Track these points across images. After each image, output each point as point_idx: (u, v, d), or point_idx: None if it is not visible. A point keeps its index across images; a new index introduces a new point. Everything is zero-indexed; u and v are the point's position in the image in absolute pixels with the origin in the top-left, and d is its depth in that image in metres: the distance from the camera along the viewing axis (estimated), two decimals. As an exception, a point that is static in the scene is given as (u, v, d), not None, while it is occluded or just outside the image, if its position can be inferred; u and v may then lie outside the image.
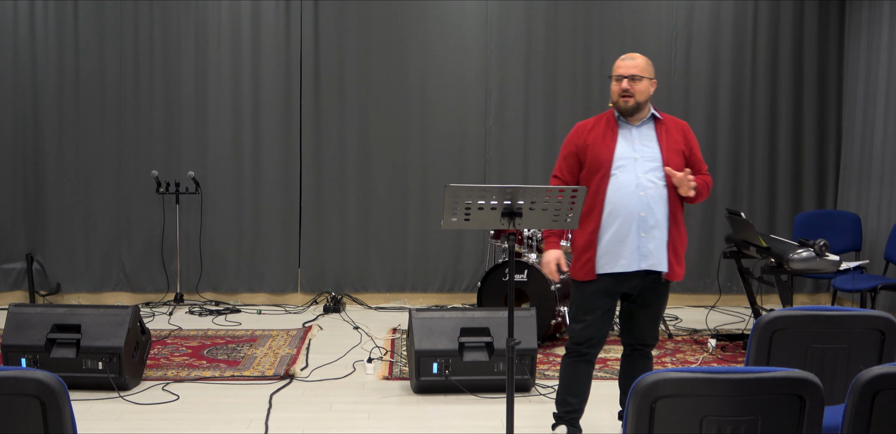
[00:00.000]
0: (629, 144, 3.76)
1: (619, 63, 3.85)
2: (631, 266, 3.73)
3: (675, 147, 3.79)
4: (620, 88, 3.76)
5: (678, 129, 3.85)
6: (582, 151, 3.80)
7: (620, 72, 3.79)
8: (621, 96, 3.75)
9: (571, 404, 3.96)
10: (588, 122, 3.89)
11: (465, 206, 3.18)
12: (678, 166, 3.74)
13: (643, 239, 3.70)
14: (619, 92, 3.76)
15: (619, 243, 3.72)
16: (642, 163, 3.72)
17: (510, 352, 3.28)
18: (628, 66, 3.80)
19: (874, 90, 6.82)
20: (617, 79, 3.79)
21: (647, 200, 3.69)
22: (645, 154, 3.74)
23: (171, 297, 7.27)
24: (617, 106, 3.78)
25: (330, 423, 4.40)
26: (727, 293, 7.33)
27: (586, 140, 3.80)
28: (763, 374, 2.20)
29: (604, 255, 3.75)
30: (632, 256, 3.72)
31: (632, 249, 3.71)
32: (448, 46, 7.35)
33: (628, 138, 3.77)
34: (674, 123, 3.87)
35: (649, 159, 3.73)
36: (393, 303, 7.41)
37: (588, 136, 3.80)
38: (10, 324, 4.83)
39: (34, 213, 7.27)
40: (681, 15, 7.36)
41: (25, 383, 2.21)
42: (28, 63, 7.18)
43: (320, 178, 7.37)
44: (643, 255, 3.72)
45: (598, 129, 3.82)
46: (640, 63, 3.82)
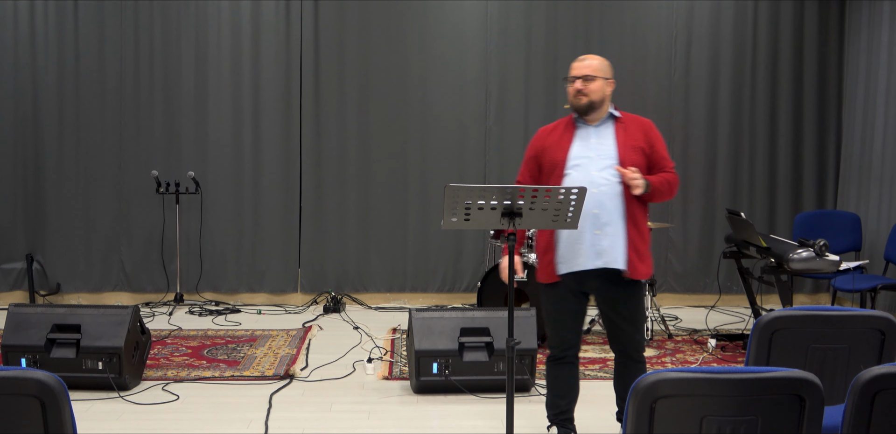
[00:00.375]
0: (585, 144, 3.79)
1: (573, 65, 3.91)
2: (587, 264, 3.72)
3: (633, 144, 3.80)
4: (574, 89, 3.81)
5: (639, 126, 3.89)
6: (540, 154, 3.85)
7: (574, 73, 3.85)
8: (575, 96, 3.80)
9: (560, 406, 3.97)
10: (549, 126, 3.96)
11: (465, 206, 3.18)
12: (635, 163, 3.74)
13: (597, 236, 3.70)
14: (573, 92, 3.81)
15: (576, 242, 3.72)
16: (597, 161, 3.74)
17: (510, 352, 3.28)
18: (581, 67, 3.86)
19: (874, 90, 6.82)
20: (571, 80, 3.84)
21: (600, 198, 3.69)
22: (600, 152, 3.76)
23: (171, 297, 7.27)
24: (572, 104, 3.82)
25: (330, 423, 4.40)
26: (727, 293, 7.33)
27: (544, 143, 3.86)
28: (763, 374, 2.20)
29: (563, 254, 3.76)
30: (587, 254, 3.71)
31: (587, 247, 3.71)
32: (448, 46, 7.35)
33: (585, 138, 3.81)
34: (635, 122, 3.91)
35: (604, 157, 3.75)
36: (393, 303, 7.41)
37: (547, 140, 3.87)
38: (10, 324, 4.83)
39: (34, 213, 7.27)
40: (681, 15, 7.36)
41: (25, 383, 2.21)
42: (28, 63, 7.19)
43: (320, 178, 7.37)
44: (598, 252, 3.70)
45: (556, 131, 3.88)
46: (592, 63, 3.88)
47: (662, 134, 7.84)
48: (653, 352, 5.79)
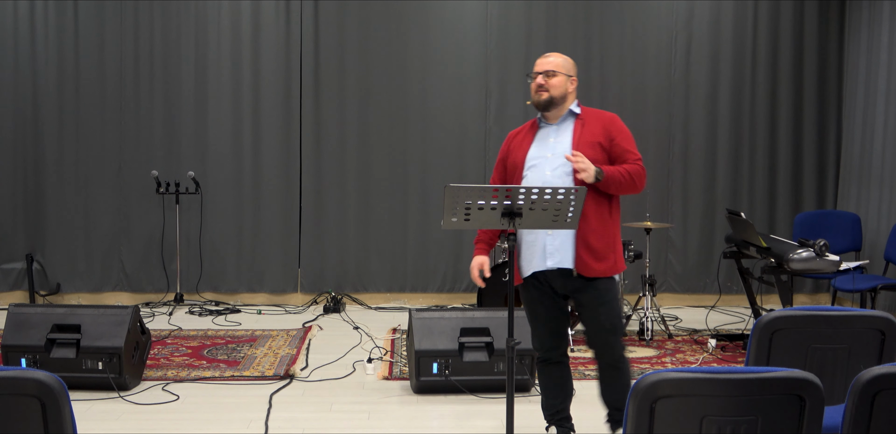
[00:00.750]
0: (543, 144, 3.76)
1: (536, 62, 3.85)
2: (540, 265, 3.71)
3: (590, 140, 3.71)
4: (536, 84, 3.77)
5: (598, 121, 3.77)
6: (505, 157, 3.86)
7: (535, 69, 3.80)
8: (536, 91, 3.76)
9: (554, 406, 3.97)
10: (516, 130, 3.94)
11: (465, 206, 3.18)
12: (590, 158, 3.61)
13: (549, 237, 3.69)
14: (534, 87, 3.77)
15: (532, 243, 3.72)
16: (552, 160, 3.70)
17: (510, 352, 3.28)
18: (543, 63, 3.80)
19: (874, 90, 6.82)
20: (533, 76, 3.80)
21: None
22: (556, 151, 3.72)
23: (171, 297, 7.27)
24: (533, 100, 3.79)
25: (330, 423, 4.40)
26: (727, 293, 7.33)
27: (510, 145, 3.86)
28: (763, 374, 2.20)
29: (524, 257, 3.76)
30: (541, 256, 3.70)
31: (540, 249, 3.69)
32: (448, 46, 7.35)
33: (544, 138, 3.78)
34: (595, 116, 3.79)
35: (559, 156, 3.70)
36: (393, 303, 7.41)
37: (512, 142, 3.86)
38: (10, 324, 4.83)
39: (34, 213, 7.27)
40: (681, 15, 7.36)
41: (25, 383, 2.21)
42: (28, 63, 7.19)
43: (320, 178, 7.37)
44: (549, 253, 3.68)
45: (521, 133, 3.87)
46: (554, 60, 3.81)
47: (662, 134, 7.90)
48: (653, 352, 5.79)
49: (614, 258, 3.73)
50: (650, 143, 7.40)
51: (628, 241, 6.16)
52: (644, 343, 5.99)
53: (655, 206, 7.24)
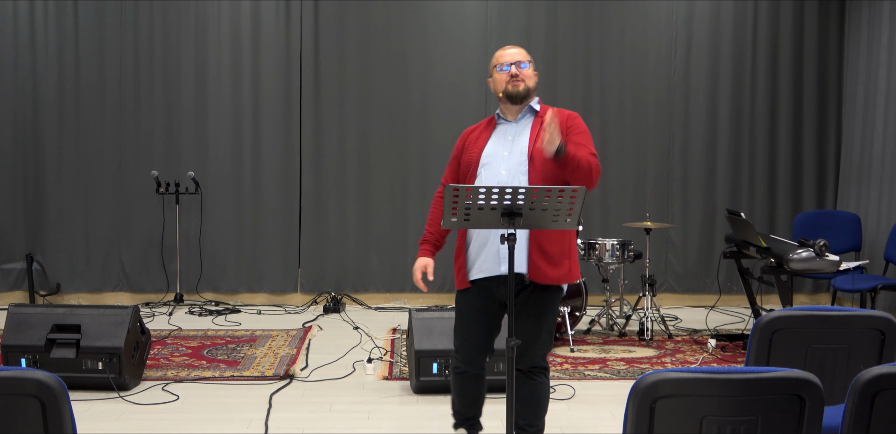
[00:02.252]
0: (500, 141, 3.62)
1: (501, 53, 3.69)
2: (492, 271, 3.53)
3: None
4: (510, 74, 3.61)
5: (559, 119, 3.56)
6: (460, 154, 3.74)
7: (506, 60, 3.65)
8: (512, 82, 3.60)
9: (466, 414, 3.90)
10: (472, 127, 3.81)
11: (465, 206, 3.18)
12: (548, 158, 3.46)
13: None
14: (507, 78, 3.61)
15: (482, 247, 3.59)
16: (508, 159, 3.55)
17: (510, 352, 3.27)
18: (512, 54, 3.66)
19: (874, 90, 6.82)
20: (502, 68, 3.64)
21: None
22: (513, 149, 3.57)
23: (171, 298, 7.27)
24: (506, 92, 3.61)
25: (330, 423, 4.40)
26: (727, 293, 7.33)
27: (466, 143, 3.73)
28: (763, 374, 2.20)
29: (472, 260, 3.63)
30: (493, 261, 3.54)
31: (492, 253, 3.54)
32: (448, 46, 7.35)
33: (502, 136, 3.64)
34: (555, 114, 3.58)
35: (517, 154, 3.56)
36: (393, 303, 7.41)
37: (468, 139, 3.74)
38: (10, 324, 4.84)
39: (34, 213, 7.27)
40: (681, 15, 7.36)
41: (25, 383, 2.21)
42: (28, 63, 7.19)
43: (320, 178, 7.37)
44: (503, 258, 3.48)
45: (478, 130, 3.74)
46: (521, 51, 3.71)
47: (662, 134, 7.90)
48: (653, 352, 5.80)
49: (569, 265, 3.56)
50: (650, 143, 7.40)
51: (628, 241, 6.17)
52: (644, 343, 5.99)
53: (655, 206, 7.24)
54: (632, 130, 7.40)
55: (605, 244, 6.11)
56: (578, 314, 5.99)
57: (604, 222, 7.36)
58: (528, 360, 3.56)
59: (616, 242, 6.10)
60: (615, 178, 7.40)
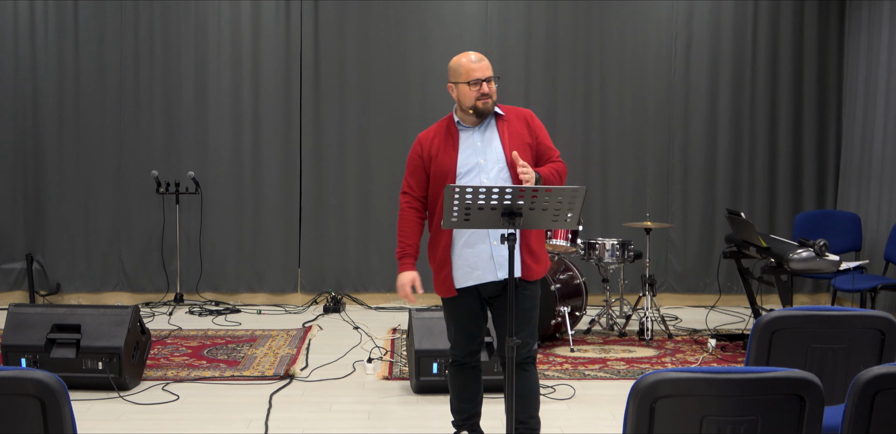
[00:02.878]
0: (471, 149, 3.61)
1: (472, 66, 3.61)
2: (487, 277, 3.58)
3: (520, 141, 3.60)
4: (480, 92, 3.57)
5: (520, 120, 3.66)
6: (427, 164, 3.66)
7: (478, 75, 3.58)
8: (481, 99, 3.58)
9: (468, 410, 3.90)
10: (428, 133, 3.72)
11: (465, 206, 3.18)
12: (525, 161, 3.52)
13: (497, 247, 3.56)
14: (477, 96, 3.58)
15: (473, 255, 3.58)
16: (488, 166, 3.57)
17: (510, 352, 3.27)
18: (483, 69, 3.60)
19: (874, 90, 6.82)
20: (474, 83, 3.58)
21: None
22: (488, 156, 3.57)
23: (171, 297, 7.27)
24: (477, 109, 3.59)
25: (330, 423, 4.40)
26: (727, 293, 7.33)
27: (430, 151, 3.65)
28: (763, 374, 2.20)
29: (459, 268, 3.61)
30: (487, 267, 3.57)
31: (486, 259, 3.56)
32: (448, 46, 7.34)
33: (469, 143, 3.62)
34: (515, 115, 3.67)
35: (494, 161, 3.57)
36: (393, 303, 7.41)
37: (430, 148, 3.66)
38: (10, 324, 4.84)
39: (34, 213, 7.27)
40: (681, 15, 7.36)
41: (25, 383, 2.21)
42: (28, 63, 7.19)
43: (320, 178, 7.37)
44: (499, 263, 3.55)
45: (438, 138, 3.67)
46: (489, 64, 3.63)
47: (662, 134, 7.91)
48: (653, 352, 5.80)
49: (545, 259, 3.71)
50: (650, 142, 7.40)
51: (628, 241, 6.17)
52: (644, 343, 5.99)
53: (655, 206, 7.24)
54: (632, 130, 7.40)
55: (605, 244, 6.11)
56: (578, 314, 5.99)
57: (604, 222, 7.36)
58: (523, 352, 3.64)
59: (616, 242, 6.10)
60: (615, 178, 7.40)
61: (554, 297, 5.76)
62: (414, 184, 3.74)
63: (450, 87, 3.72)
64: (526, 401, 3.69)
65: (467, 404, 3.90)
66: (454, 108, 3.74)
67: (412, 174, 3.75)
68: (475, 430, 3.95)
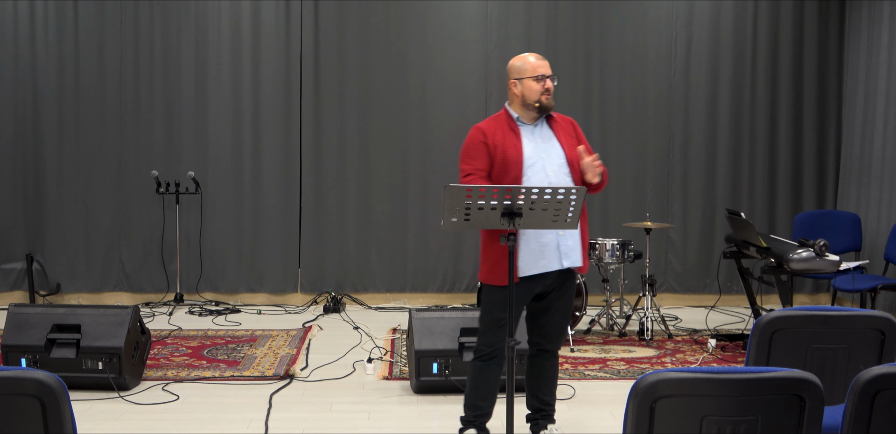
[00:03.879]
0: (534, 144, 3.76)
1: (536, 62, 3.78)
2: (552, 266, 3.72)
3: (572, 142, 3.81)
4: (544, 87, 3.74)
5: (569, 124, 3.89)
6: (493, 152, 3.71)
7: (543, 71, 3.76)
8: (545, 94, 3.74)
9: (482, 408, 3.91)
10: (488, 124, 3.81)
11: (465, 206, 3.18)
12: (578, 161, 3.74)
13: (562, 237, 3.71)
14: (541, 91, 3.74)
15: (540, 244, 3.70)
16: (549, 161, 3.73)
17: (510, 352, 3.28)
18: (546, 66, 3.78)
19: (874, 90, 6.82)
20: (540, 78, 3.74)
21: None
22: (550, 152, 3.75)
23: (171, 297, 7.27)
24: (541, 103, 3.75)
25: (330, 423, 4.40)
26: (727, 293, 7.33)
27: (494, 140, 3.72)
28: (763, 374, 2.20)
29: (525, 257, 3.69)
30: (552, 256, 3.72)
31: (552, 249, 3.71)
32: (448, 46, 7.35)
33: (531, 138, 3.78)
34: (563, 120, 3.89)
35: (555, 157, 3.74)
36: (393, 303, 7.41)
37: (494, 137, 3.73)
38: (10, 324, 4.84)
39: (34, 213, 7.27)
40: (681, 15, 7.36)
41: (25, 383, 2.21)
42: (28, 63, 7.19)
43: (320, 178, 7.37)
44: (564, 253, 3.73)
45: (499, 131, 3.76)
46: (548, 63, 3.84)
47: (662, 134, 7.94)
48: (653, 352, 5.80)
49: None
50: (650, 142, 7.40)
51: (628, 241, 6.17)
52: (644, 343, 5.99)
53: (655, 206, 7.24)
54: (632, 130, 7.40)
55: (605, 244, 6.11)
56: (578, 314, 5.99)
57: (604, 222, 7.36)
58: (561, 336, 3.93)
59: (616, 242, 6.10)
60: (615, 178, 7.39)
61: (554, 297, 5.76)
62: (480, 165, 3.72)
63: (512, 83, 3.81)
64: (553, 384, 3.98)
65: (484, 402, 3.92)
66: (506, 106, 3.87)
67: (476, 158, 3.74)
68: (482, 429, 3.95)
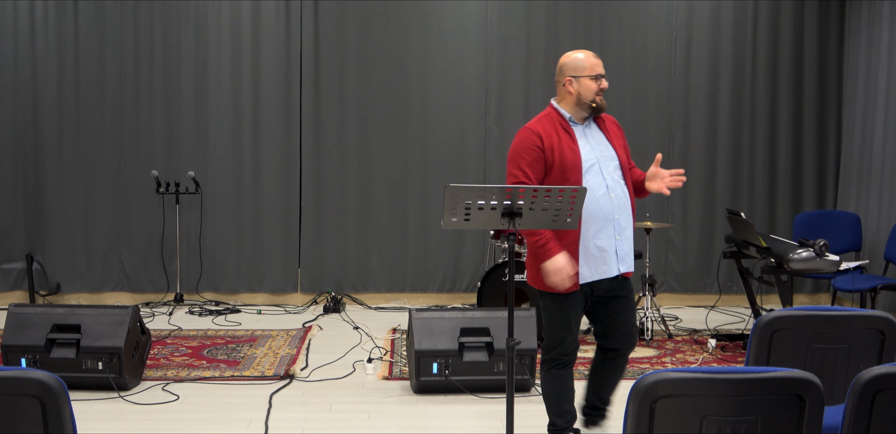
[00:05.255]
0: (589, 145, 3.69)
1: (592, 60, 3.71)
2: (611, 271, 3.68)
3: (621, 143, 3.79)
4: (599, 87, 3.69)
5: (614, 124, 3.84)
6: (549, 156, 3.63)
7: (600, 70, 3.70)
8: (599, 94, 3.70)
9: (570, 412, 3.90)
10: (541, 125, 3.71)
11: (465, 206, 3.18)
12: (627, 163, 3.76)
13: (619, 242, 3.67)
14: (597, 90, 3.68)
15: (599, 250, 3.65)
16: (605, 163, 3.68)
17: (510, 352, 3.28)
18: (602, 65, 3.73)
19: (874, 90, 6.82)
20: (597, 77, 3.68)
21: (617, 202, 3.66)
22: (604, 154, 3.69)
23: (171, 297, 7.27)
24: (596, 103, 3.69)
25: (330, 423, 4.40)
26: (727, 293, 7.33)
27: (549, 143, 3.64)
28: (763, 374, 2.20)
29: (585, 263, 3.65)
30: (611, 261, 3.67)
31: (611, 254, 3.66)
32: (448, 46, 7.35)
33: (584, 138, 3.71)
34: (609, 119, 3.84)
35: (609, 159, 3.69)
36: (393, 303, 7.41)
37: (549, 139, 3.65)
38: (10, 324, 4.83)
39: (34, 213, 7.27)
40: (681, 15, 7.36)
41: (25, 383, 2.21)
42: (28, 63, 7.18)
43: (320, 178, 7.37)
44: (621, 258, 3.69)
45: (553, 132, 3.68)
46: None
47: (662, 134, 7.93)
48: (653, 352, 5.79)
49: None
50: (650, 143, 7.39)
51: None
52: (644, 343, 5.99)
53: (655, 206, 7.24)
54: (632, 130, 7.36)
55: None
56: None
57: (604, 222, 7.34)
58: (632, 340, 3.87)
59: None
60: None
61: (554, 297, 5.76)
62: (533, 175, 3.63)
63: (567, 81, 3.72)
64: (614, 384, 3.96)
65: (570, 406, 3.90)
66: (553, 104, 3.79)
67: (531, 165, 3.63)
68: (575, 431, 3.96)
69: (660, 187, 3.70)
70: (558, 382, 3.85)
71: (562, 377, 3.85)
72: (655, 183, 3.70)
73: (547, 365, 3.84)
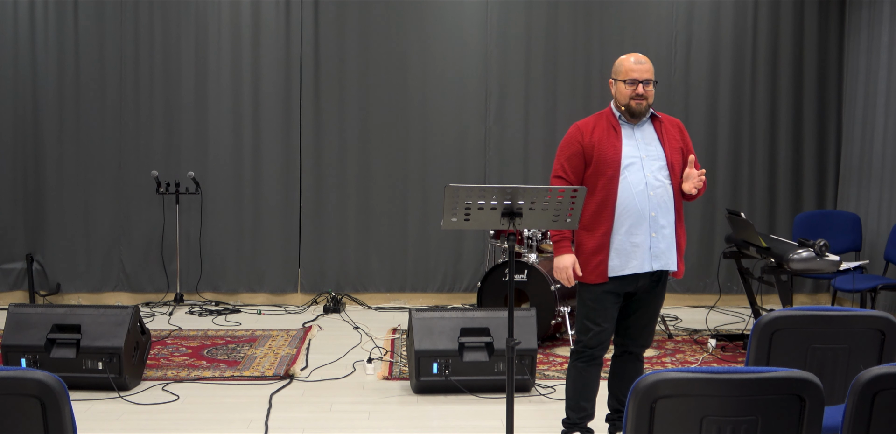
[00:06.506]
0: (634, 143, 3.75)
1: (631, 66, 3.78)
2: (643, 267, 3.72)
3: (676, 145, 3.80)
4: (635, 93, 3.72)
5: (675, 127, 3.87)
6: (588, 151, 3.73)
7: (635, 76, 3.74)
8: (634, 99, 3.72)
9: (586, 409, 3.92)
10: (588, 122, 3.83)
11: (465, 206, 3.18)
12: (679, 164, 3.77)
13: (654, 239, 3.70)
14: (631, 95, 3.72)
15: (631, 245, 3.71)
16: (648, 162, 3.71)
17: (510, 352, 3.28)
18: (643, 71, 3.76)
19: (874, 90, 6.82)
20: (632, 82, 3.73)
21: (656, 200, 3.69)
22: (650, 153, 3.74)
23: (171, 297, 7.27)
24: (629, 108, 3.74)
25: (330, 423, 4.40)
26: (727, 293, 7.33)
27: (591, 139, 3.74)
28: (763, 374, 2.20)
29: (616, 256, 3.72)
30: (644, 257, 3.71)
31: (644, 250, 3.71)
32: (448, 47, 7.35)
33: (632, 137, 3.77)
34: (670, 122, 3.88)
35: (654, 158, 3.73)
36: (393, 303, 7.41)
37: (592, 136, 3.75)
38: (10, 324, 4.83)
39: (34, 213, 7.27)
40: (681, 15, 7.36)
41: (25, 383, 2.21)
42: (28, 63, 7.18)
43: (320, 178, 7.37)
44: (655, 255, 3.72)
45: (599, 128, 3.77)
46: (651, 67, 3.81)
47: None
48: (653, 352, 5.79)
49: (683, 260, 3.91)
50: (650, 143, 7.39)
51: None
52: (644, 343, 5.99)
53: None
54: (632, 130, 7.39)
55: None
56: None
57: (604, 222, 7.35)
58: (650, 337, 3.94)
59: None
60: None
61: (554, 298, 5.77)
62: (570, 169, 3.78)
63: (610, 82, 3.87)
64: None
65: (588, 403, 3.93)
66: (611, 103, 3.89)
67: (569, 159, 3.79)
68: (587, 430, 3.96)
69: (689, 188, 3.71)
70: (580, 377, 3.89)
71: (584, 372, 3.88)
72: (688, 183, 3.72)
73: (574, 356, 3.91)
